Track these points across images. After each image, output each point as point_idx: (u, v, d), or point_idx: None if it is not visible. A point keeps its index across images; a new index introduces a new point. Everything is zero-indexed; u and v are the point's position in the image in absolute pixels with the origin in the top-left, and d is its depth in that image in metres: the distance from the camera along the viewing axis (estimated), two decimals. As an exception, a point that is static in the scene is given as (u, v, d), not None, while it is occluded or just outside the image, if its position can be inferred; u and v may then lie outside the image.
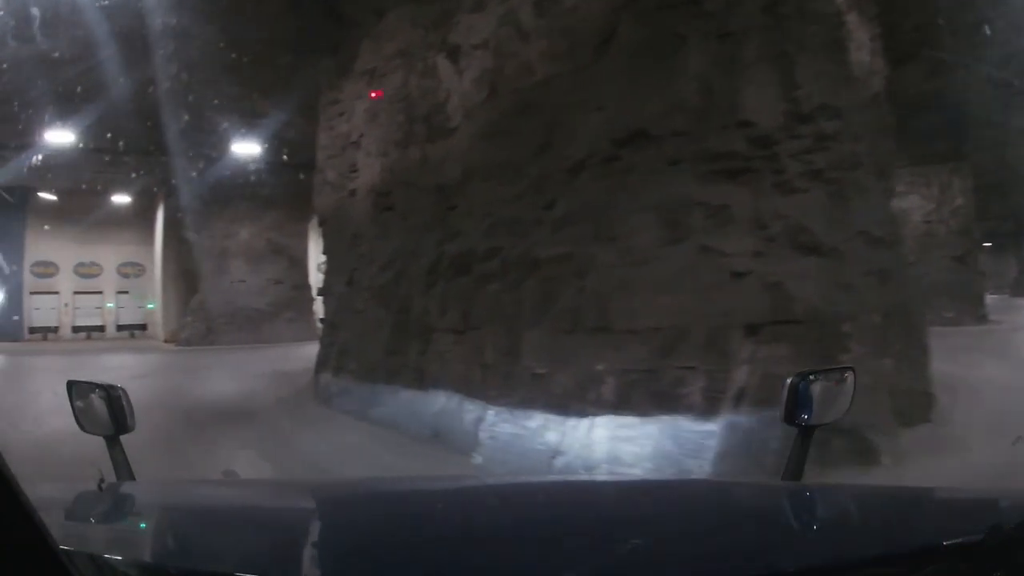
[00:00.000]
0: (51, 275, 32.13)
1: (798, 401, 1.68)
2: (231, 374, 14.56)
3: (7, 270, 30.33)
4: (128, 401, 1.86)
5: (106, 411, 1.81)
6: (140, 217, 31.47)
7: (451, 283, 7.37)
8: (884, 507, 1.50)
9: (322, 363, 10.63)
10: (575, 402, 5.59)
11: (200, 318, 24.46)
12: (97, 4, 14.34)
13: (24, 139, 20.64)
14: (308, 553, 1.22)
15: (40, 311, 31.52)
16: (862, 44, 6.87)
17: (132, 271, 33.41)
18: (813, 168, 6.08)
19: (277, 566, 1.10)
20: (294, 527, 1.44)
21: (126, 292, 33.33)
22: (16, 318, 30.54)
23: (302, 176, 24.95)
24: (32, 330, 31.07)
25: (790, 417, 1.68)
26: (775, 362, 5.46)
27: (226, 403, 10.31)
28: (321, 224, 12.70)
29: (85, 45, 15.55)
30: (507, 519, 1.48)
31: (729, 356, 5.55)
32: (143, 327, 32.78)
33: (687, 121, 6.00)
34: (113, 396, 1.83)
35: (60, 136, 20.28)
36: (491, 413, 6.19)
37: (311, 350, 20.99)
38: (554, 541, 1.21)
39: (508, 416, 5.99)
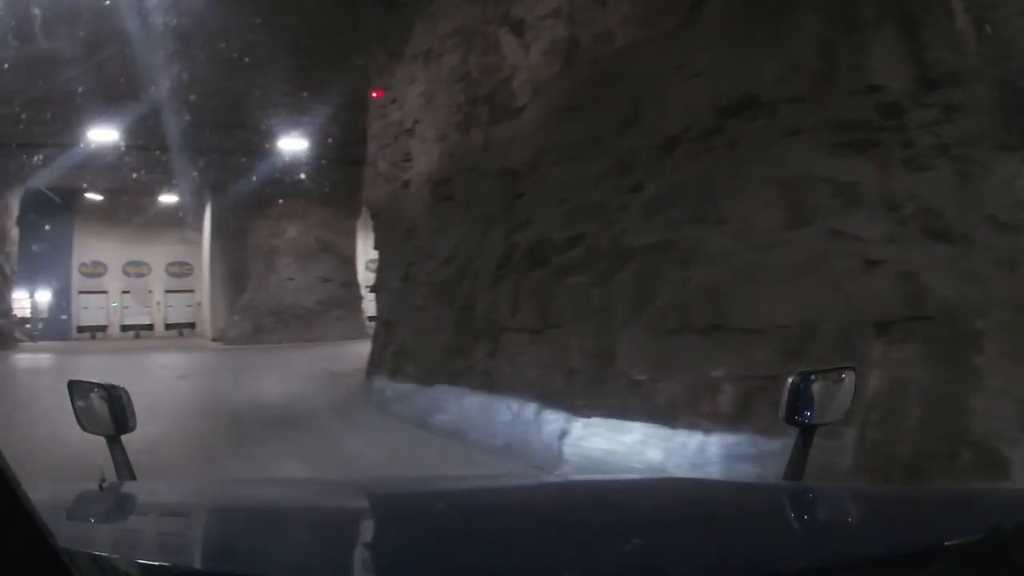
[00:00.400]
0: (99, 275, 32.38)
1: (799, 401, 1.65)
2: (279, 374, 13.99)
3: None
4: (129, 401, 1.81)
5: (107, 411, 1.75)
6: (189, 216, 31.36)
7: (524, 277, 6.59)
8: (885, 507, 1.49)
9: (376, 364, 9.95)
10: (684, 414, 4.77)
11: (248, 316, 24.14)
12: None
13: (68, 137, 20.59)
14: (311, 552, 1.18)
15: (88, 310, 31.77)
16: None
17: (180, 270, 33.55)
18: (941, 142, 5.17)
19: (280, 565, 1.09)
20: (297, 526, 1.42)
21: (174, 291, 33.48)
22: (64, 317, 30.91)
23: (350, 172, 24.77)
24: (80, 329, 31.29)
25: (791, 417, 1.65)
26: (906, 365, 4.64)
27: (273, 407, 9.69)
28: (373, 218, 12.04)
29: (127, 42, 15.29)
30: (508, 518, 1.47)
31: (864, 359, 4.68)
32: (191, 326, 32.83)
33: (806, 86, 5.13)
34: (114, 396, 1.77)
35: (104, 134, 20.13)
36: (578, 425, 5.40)
37: (361, 349, 20.46)
38: (554, 541, 1.19)
39: (600, 429, 5.20)
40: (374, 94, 11.73)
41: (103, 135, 20.29)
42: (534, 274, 6.44)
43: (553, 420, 5.69)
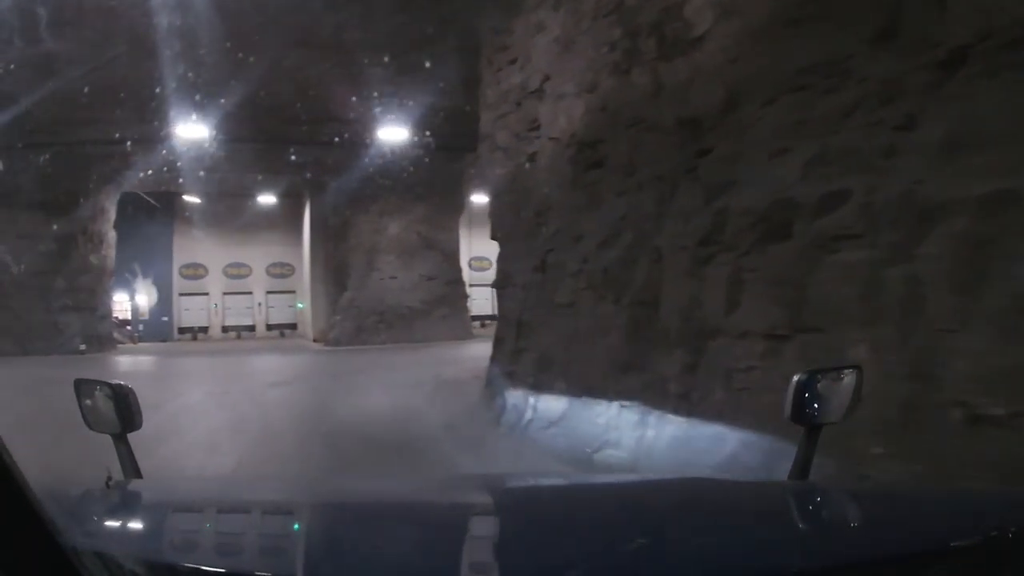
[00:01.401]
0: (200, 276, 32.60)
1: (805, 399, 1.61)
2: (384, 382, 12.30)
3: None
4: (135, 399, 1.76)
5: (113, 409, 1.72)
6: (288, 217, 31.65)
7: (749, 256, 4.55)
8: (891, 507, 1.45)
9: (504, 374, 8.09)
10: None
11: (349, 317, 22.92)
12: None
13: (163, 140, 20.06)
14: (315, 551, 1.17)
15: (189, 312, 32.10)
16: None
17: (281, 271, 33.55)
18: None
19: (285, 563, 1.11)
20: (303, 524, 1.43)
21: (275, 292, 33.43)
22: (165, 319, 31.24)
23: (452, 163, 23.38)
24: (181, 330, 31.68)
25: (797, 415, 1.61)
26: None
27: (378, 425, 7.91)
28: (493, 200, 10.21)
29: (217, 34, 14.34)
30: (512, 518, 1.46)
31: None
32: (293, 326, 32.85)
33: None
34: (120, 395, 1.74)
35: (195, 130, 19.44)
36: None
37: (470, 351, 18.83)
38: (559, 540, 1.17)
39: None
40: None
41: (195, 131, 19.70)
42: (768, 251, 4.39)
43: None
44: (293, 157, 23.34)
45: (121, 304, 30.09)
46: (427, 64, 16.64)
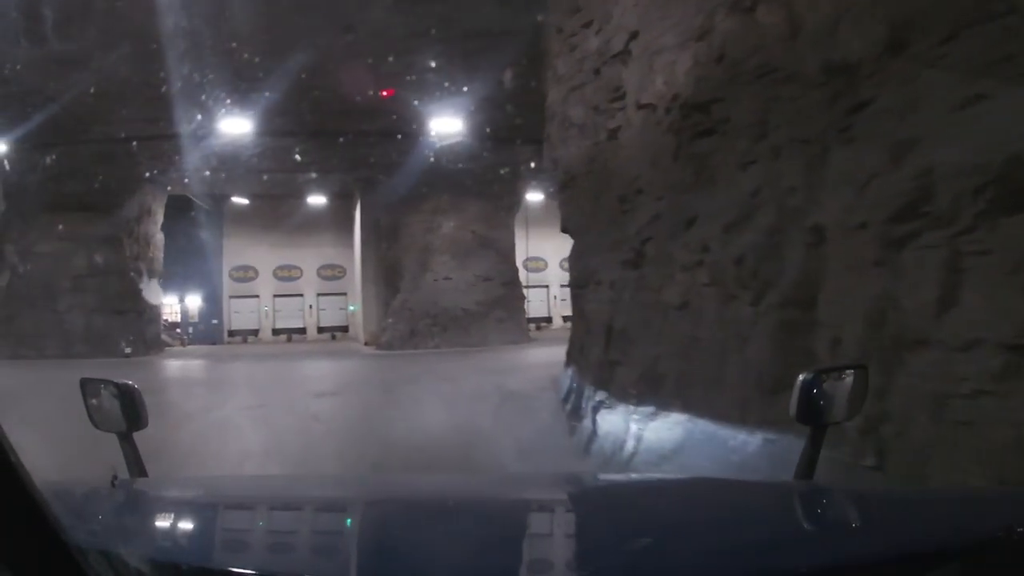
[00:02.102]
0: (250, 279, 32.29)
1: (811, 399, 1.61)
2: (441, 394, 10.91)
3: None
4: (141, 398, 1.76)
5: (119, 408, 1.73)
6: (338, 217, 31.00)
7: (973, 234, 3.12)
8: (896, 508, 1.45)
9: (591, 391, 6.74)
10: None
11: (402, 319, 21.80)
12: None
13: (209, 140, 19.39)
14: (320, 549, 1.18)
15: (240, 314, 31.82)
16: None
17: (332, 273, 33.00)
18: None
19: (290, 562, 1.09)
20: (307, 522, 1.44)
21: (326, 294, 32.93)
22: (215, 322, 30.96)
23: (507, 158, 22.13)
24: (231, 333, 31.41)
25: (802, 415, 1.62)
26: None
27: (438, 451, 6.28)
28: (564, 186, 8.89)
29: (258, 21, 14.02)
30: (517, 517, 1.47)
31: None
32: (344, 329, 32.27)
33: None
34: (126, 393, 1.75)
35: (239, 125, 18.97)
36: None
37: (531, 357, 17.48)
38: (565, 539, 1.21)
39: None
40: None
41: (240, 126, 19.07)
42: (1004, 226, 2.96)
43: None
44: (345, 159, 22.62)
45: (171, 307, 30.07)
46: (483, 49, 15.59)
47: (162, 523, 1.38)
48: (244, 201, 30.00)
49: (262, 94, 17.67)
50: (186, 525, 1.36)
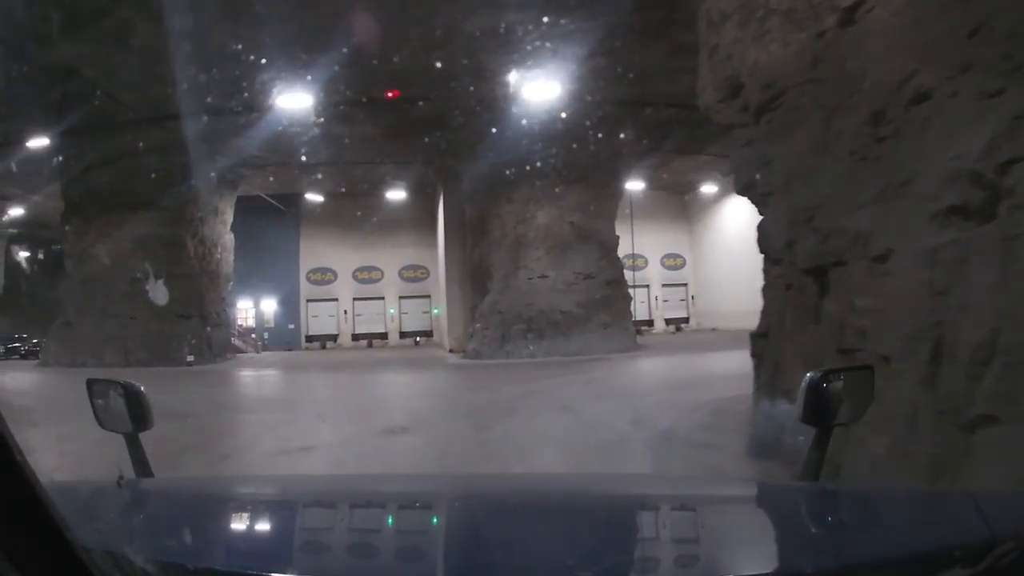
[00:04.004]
0: (328, 282, 30.83)
1: (816, 400, 1.55)
2: (559, 431, 7.63)
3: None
4: (147, 399, 1.70)
5: (125, 409, 1.69)
6: (420, 214, 29.29)
7: None
8: (900, 508, 1.44)
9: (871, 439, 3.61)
10: None
11: (492, 324, 18.89)
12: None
13: (274, 112, 17.28)
14: (325, 549, 1.18)
15: (317, 319, 30.49)
16: None
17: (415, 274, 31.39)
18: None
19: (295, 562, 1.09)
20: (312, 523, 1.42)
21: (409, 297, 31.32)
22: (292, 326, 29.65)
23: (609, 131, 19.01)
24: (309, 339, 30.06)
25: (808, 416, 1.56)
26: None
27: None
28: (763, 110, 5.70)
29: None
30: (519, 516, 1.45)
31: None
32: (428, 334, 30.53)
33: None
34: (132, 394, 1.69)
35: (300, 99, 17.04)
36: None
37: (655, 370, 14.32)
38: (568, 539, 1.18)
39: None
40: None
41: (299, 101, 17.08)
42: None
43: None
44: (425, 147, 20.17)
45: (246, 311, 28.79)
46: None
47: (168, 523, 1.35)
48: (319, 199, 28.53)
49: (333, 72, 15.47)
50: (192, 525, 1.31)
